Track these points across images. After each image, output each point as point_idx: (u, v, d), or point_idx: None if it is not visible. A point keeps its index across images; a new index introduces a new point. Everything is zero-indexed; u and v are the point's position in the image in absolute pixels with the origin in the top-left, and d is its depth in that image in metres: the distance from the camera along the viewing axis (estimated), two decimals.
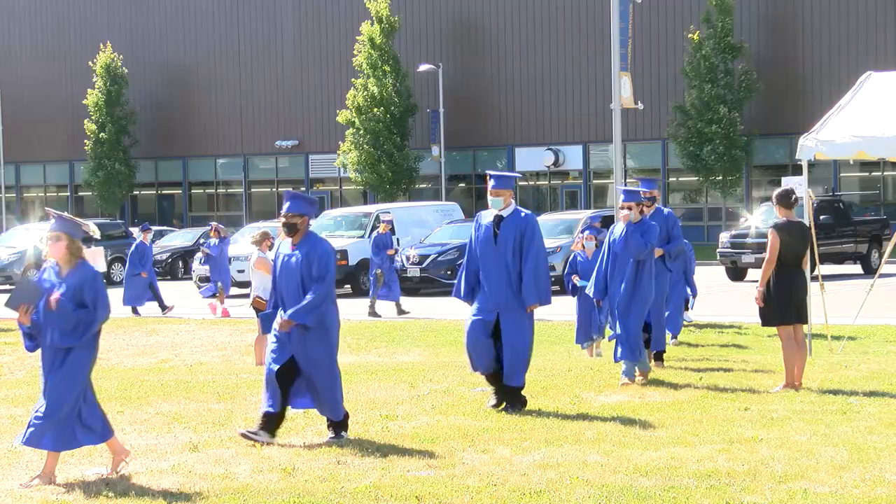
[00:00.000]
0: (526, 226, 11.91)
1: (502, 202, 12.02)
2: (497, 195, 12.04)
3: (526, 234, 11.86)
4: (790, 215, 13.44)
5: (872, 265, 33.56)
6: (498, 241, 11.90)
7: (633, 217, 13.87)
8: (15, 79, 63.30)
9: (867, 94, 16.89)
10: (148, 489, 8.87)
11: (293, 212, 10.69)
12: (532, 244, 11.87)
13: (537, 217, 13.02)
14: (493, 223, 12.00)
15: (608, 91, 35.10)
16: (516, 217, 11.99)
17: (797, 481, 8.68)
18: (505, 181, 12.16)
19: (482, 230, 12.07)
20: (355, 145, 52.59)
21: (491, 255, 11.93)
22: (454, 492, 8.59)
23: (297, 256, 10.61)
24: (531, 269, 11.82)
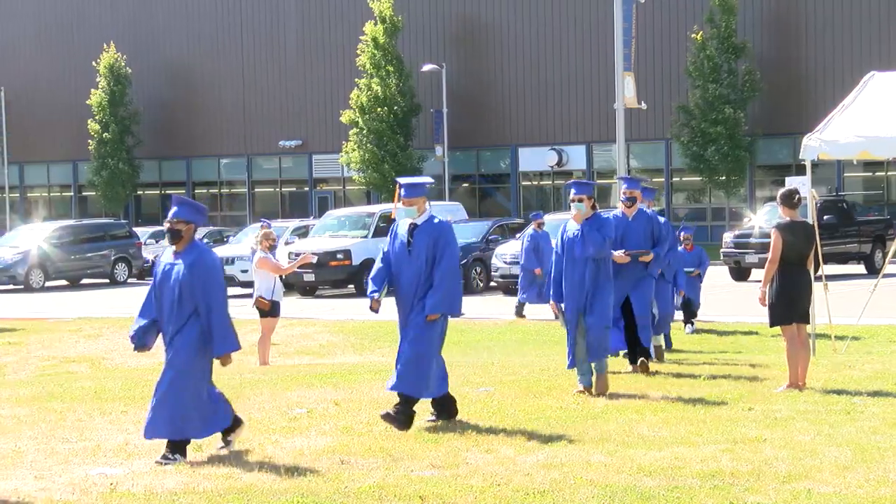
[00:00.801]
0: (439, 233, 11.38)
1: (415, 211, 11.51)
2: (410, 204, 11.52)
3: (439, 241, 11.32)
4: (794, 215, 13.44)
5: (876, 265, 33.56)
6: (412, 250, 11.41)
7: (583, 211, 13.10)
8: (19, 79, 63.36)
9: (871, 93, 16.88)
10: (152, 489, 8.87)
11: (178, 217, 10.09)
12: (445, 252, 11.30)
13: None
14: (408, 232, 11.48)
15: (612, 91, 35.22)
16: (430, 225, 11.45)
17: (801, 481, 8.68)
18: (415, 189, 11.59)
19: (397, 239, 11.57)
20: (359, 145, 52.61)
21: (405, 265, 11.44)
22: (458, 491, 8.59)
23: (179, 267, 10.01)
24: (440, 278, 11.26)
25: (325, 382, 14.74)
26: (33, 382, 16.34)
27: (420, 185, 11.70)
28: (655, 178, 52.08)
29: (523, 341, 20.85)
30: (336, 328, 23.71)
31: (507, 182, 55.86)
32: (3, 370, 19.45)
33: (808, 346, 13.65)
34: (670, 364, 15.93)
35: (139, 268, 42.47)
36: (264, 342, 18.61)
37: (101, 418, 12.33)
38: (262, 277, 18.22)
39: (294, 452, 10.15)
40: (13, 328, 25.20)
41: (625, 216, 15.04)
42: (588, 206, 13.10)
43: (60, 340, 22.67)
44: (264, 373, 16.51)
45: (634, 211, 15.03)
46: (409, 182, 11.70)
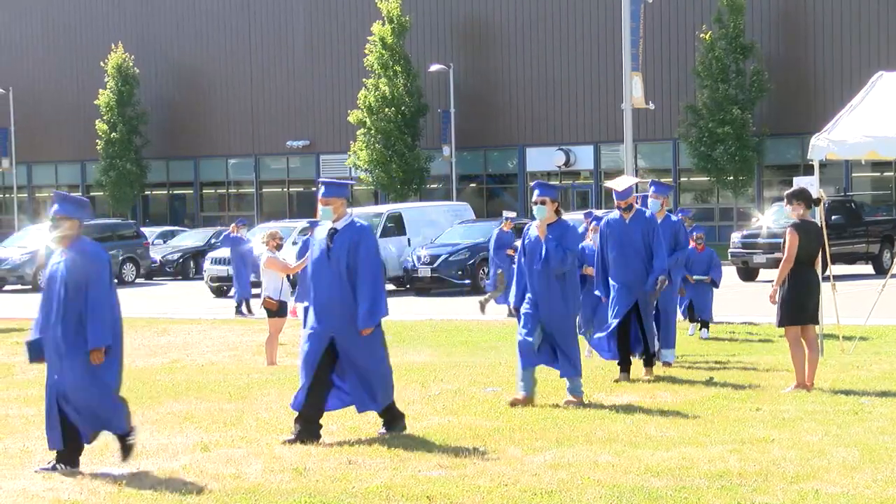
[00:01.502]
0: (360, 238, 10.72)
1: (331, 212, 10.82)
2: (326, 203, 10.82)
3: (360, 246, 10.67)
4: (806, 215, 13.43)
5: (884, 265, 33.53)
6: (331, 256, 10.72)
7: (545, 215, 12.42)
8: (27, 79, 63.44)
9: (879, 93, 16.86)
10: (159, 489, 8.88)
11: (60, 214, 9.69)
12: (366, 258, 10.67)
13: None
14: (327, 237, 10.82)
15: (619, 91, 35.16)
16: (351, 229, 10.79)
17: (809, 482, 8.67)
18: (335, 189, 10.91)
19: (315, 245, 10.93)
20: (366, 145, 52.62)
21: (324, 272, 10.74)
22: (465, 492, 8.59)
23: (62, 265, 9.62)
24: (364, 289, 10.60)
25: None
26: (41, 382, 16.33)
27: (341, 186, 11.07)
28: (663, 179, 52.03)
29: None
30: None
31: (515, 182, 55.84)
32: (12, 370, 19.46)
33: (817, 347, 13.64)
34: (677, 365, 15.91)
35: (147, 268, 42.50)
36: (272, 342, 18.62)
37: None
38: (270, 277, 18.23)
39: (301, 453, 10.15)
40: (21, 328, 25.21)
41: (622, 219, 14.33)
42: (551, 210, 12.45)
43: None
44: (272, 373, 16.52)
45: (632, 214, 14.34)
46: (329, 181, 11.08)
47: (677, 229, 15.80)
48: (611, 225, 14.39)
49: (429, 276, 32.62)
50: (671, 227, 15.70)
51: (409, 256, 34.14)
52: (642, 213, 14.56)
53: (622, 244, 14.26)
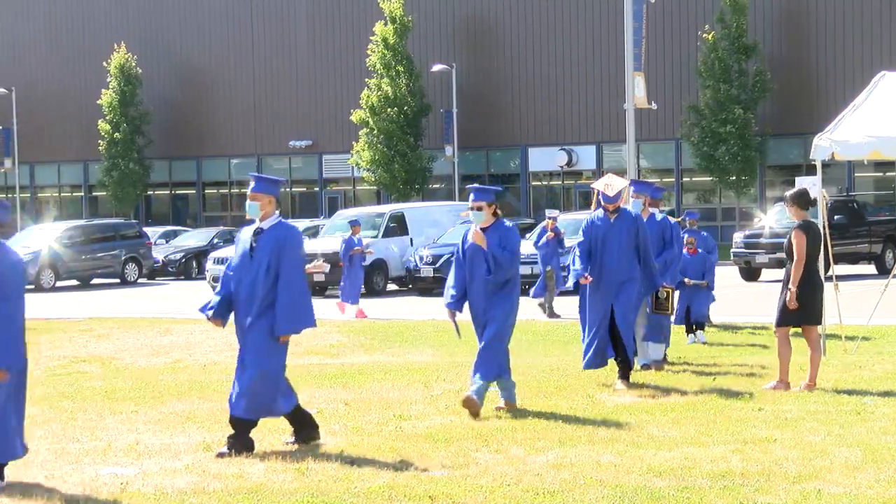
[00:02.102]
0: (285, 239, 10.26)
1: (258, 208, 10.35)
2: (254, 199, 10.37)
3: (284, 248, 10.20)
4: (806, 216, 13.44)
5: (887, 265, 33.51)
6: (254, 256, 10.25)
7: (482, 220, 11.94)
8: (29, 79, 63.48)
9: (882, 93, 16.85)
10: (162, 489, 8.88)
11: None
12: (288, 262, 10.19)
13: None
14: (252, 236, 10.35)
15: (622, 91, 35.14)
16: (276, 229, 10.31)
17: (811, 482, 8.67)
18: (265, 185, 10.47)
19: (240, 245, 10.49)
20: (369, 145, 52.64)
21: (246, 273, 10.28)
22: (468, 492, 8.59)
23: None
24: (282, 294, 10.12)
25: (335, 382, 14.75)
26: (44, 382, 16.36)
27: (271, 182, 10.60)
28: (666, 179, 52.05)
29: (533, 341, 20.83)
30: (346, 328, 23.71)
31: (517, 182, 55.83)
32: None
33: (820, 347, 13.64)
34: (679, 365, 15.91)
35: (149, 268, 42.52)
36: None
37: (111, 418, 12.35)
38: None
39: (304, 452, 10.15)
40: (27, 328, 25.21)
41: (606, 217, 13.86)
42: (489, 214, 11.96)
43: (71, 340, 22.70)
44: None
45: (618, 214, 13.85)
46: (260, 175, 10.58)
47: (663, 228, 15.37)
48: (595, 224, 13.94)
49: (431, 276, 32.61)
50: (656, 226, 15.26)
51: (411, 256, 34.13)
52: (628, 212, 14.08)
53: (605, 244, 13.80)
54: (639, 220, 14.01)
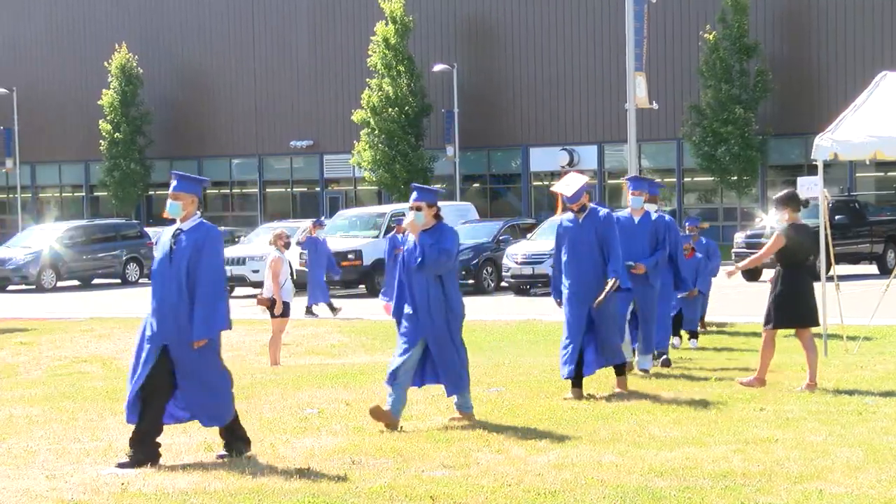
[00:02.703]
0: (205, 241, 9.93)
1: (180, 208, 10.03)
2: (176, 198, 10.06)
3: (203, 251, 9.87)
4: (797, 218, 13.44)
5: (888, 265, 33.50)
6: (173, 258, 9.94)
7: (420, 221, 11.47)
8: (30, 79, 63.50)
9: (883, 93, 16.85)
10: (163, 489, 8.88)
11: None
12: (208, 264, 9.87)
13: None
14: (172, 238, 10.05)
15: (623, 91, 35.17)
16: (196, 230, 9.98)
17: (813, 482, 8.66)
18: (188, 184, 10.16)
19: (160, 248, 10.15)
20: (370, 145, 52.66)
21: (165, 275, 9.99)
22: (469, 492, 8.59)
23: None
24: (202, 297, 9.79)
25: (336, 382, 14.75)
26: (45, 382, 16.38)
27: (195, 181, 10.29)
28: (667, 179, 52.05)
29: (534, 342, 20.83)
30: (347, 328, 23.72)
31: (518, 182, 55.84)
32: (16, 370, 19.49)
33: (815, 347, 13.65)
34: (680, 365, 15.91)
35: (150, 268, 42.50)
36: (275, 342, 18.64)
37: (112, 418, 12.34)
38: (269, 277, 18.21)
39: (305, 452, 10.16)
40: (25, 328, 25.26)
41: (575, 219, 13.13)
42: (429, 215, 11.47)
43: (72, 340, 22.71)
44: (275, 373, 16.52)
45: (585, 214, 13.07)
46: (183, 174, 10.30)
47: (657, 228, 14.79)
48: (564, 226, 13.25)
49: None
50: (650, 225, 14.76)
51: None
52: (596, 212, 13.16)
53: (574, 246, 13.07)
54: (605, 218, 13.11)
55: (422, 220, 11.48)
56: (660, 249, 14.77)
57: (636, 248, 14.57)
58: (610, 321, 13.05)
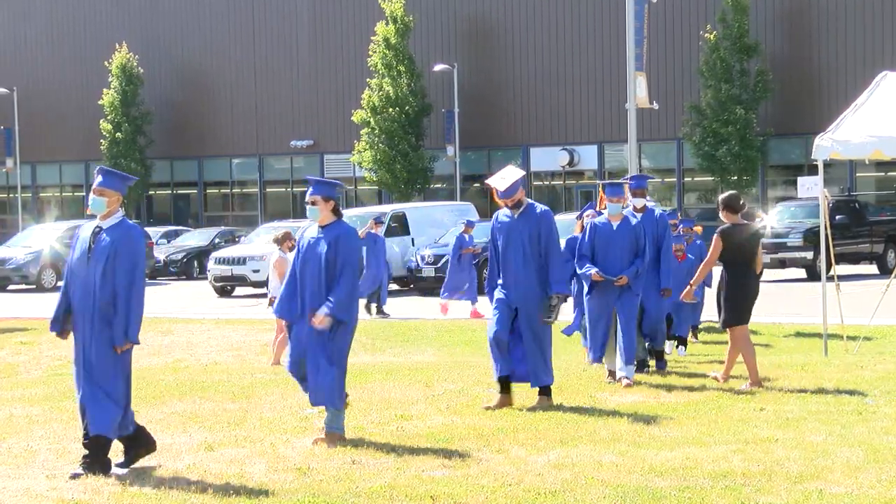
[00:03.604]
0: (126, 240, 9.49)
1: (104, 204, 9.57)
2: (101, 194, 9.60)
3: (122, 251, 9.42)
4: (736, 219, 13.75)
5: (888, 265, 33.49)
6: (91, 258, 9.45)
7: (317, 216, 10.69)
8: (31, 79, 63.49)
9: (883, 93, 16.85)
10: (163, 489, 8.88)
11: None
12: (129, 265, 9.43)
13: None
14: (91, 236, 9.55)
15: (623, 91, 35.18)
16: (117, 230, 9.52)
17: (813, 482, 8.67)
18: (114, 180, 9.69)
19: (78, 245, 9.65)
20: (370, 145, 52.65)
21: (81, 276, 9.48)
22: (469, 492, 8.59)
23: None
24: (121, 303, 9.38)
25: None
26: (45, 382, 16.38)
27: (121, 178, 9.80)
28: (667, 179, 52.05)
29: None
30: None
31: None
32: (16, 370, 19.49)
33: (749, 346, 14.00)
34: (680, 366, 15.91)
35: (151, 268, 42.52)
36: (282, 342, 18.62)
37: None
38: (277, 278, 18.18)
39: (305, 452, 10.16)
40: (25, 328, 25.25)
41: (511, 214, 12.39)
42: (326, 210, 10.65)
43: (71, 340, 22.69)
44: (275, 373, 16.53)
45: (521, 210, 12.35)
46: (108, 169, 9.81)
47: (637, 233, 13.92)
48: (500, 221, 12.51)
49: (433, 276, 32.62)
50: (630, 232, 13.90)
51: (412, 256, 34.16)
52: (533, 208, 12.35)
53: (507, 244, 12.32)
54: (544, 217, 12.29)
55: (317, 215, 10.69)
56: (639, 257, 13.84)
57: (615, 257, 13.75)
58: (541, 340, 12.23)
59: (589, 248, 13.89)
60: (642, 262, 13.87)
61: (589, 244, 13.91)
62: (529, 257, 12.21)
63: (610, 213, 13.98)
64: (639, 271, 13.82)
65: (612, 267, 13.73)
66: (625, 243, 13.82)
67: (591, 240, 13.91)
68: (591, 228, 14.00)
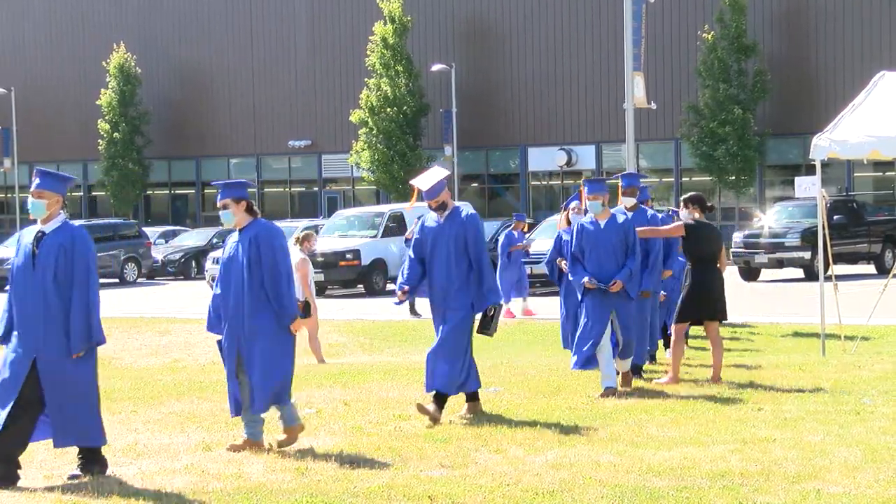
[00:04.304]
0: (73, 243, 9.09)
1: (44, 207, 9.15)
2: (39, 196, 9.18)
3: (75, 254, 9.06)
4: (702, 217, 13.95)
5: (886, 265, 33.50)
6: (37, 264, 9.05)
7: (231, 219, 10.31)
8: (29, 79, 63.47)
9: (881, 93, 16.85)
10: (161, 489, 8.88)
11: None
12: (81, 269, 9.09)
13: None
14: (34, 241, 9.14)
15: (621, 91, 35.13)
16: (61, 233, 9.12)
17: (810, 482, 8.67)
18: (53, 181, 9.28)
19: (20, 252, 9.20)
20: (368, 145, 52.64)
21: (28, 284, 9.07)
22: (467, 492, 8.59)
23: None
24: (79, 306, 9.08)
25: (334, 382, 14.75)
26: None
27: (61, 179, 9.38)
28: (665, 178, 52.07)
29: (532, 342, 20.84)
30: (345, 328, 23.71)
31: (517, 182, 55.83)
32: None
33: (720, 342, 14.21)
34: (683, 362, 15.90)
35: (149, 268, 42.56)
36: (314, 341, 18.61)
37: (110, 418, 12.33)
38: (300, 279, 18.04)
39: (303, 452, 10.15)
40: None
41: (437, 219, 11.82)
42: (239, 212, 10.24)
43: None
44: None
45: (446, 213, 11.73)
46: (46, 170, 9.38)
47: (627, 231, 13.22)
48: (424, 228, 11.87)
49: None
50: (618, 230, 13.21)
51: None
52: (458, 212, 11.76)
53: (434, 249, 11.67)
54: (470, 222, 11.62)
55: (231, 219, 10.27)
56: (630, 256, 13.15)
57: (605, 258, 13.12)
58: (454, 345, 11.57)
59: (579, 251, 13.31)
60: (634, 262, 13.14)
61: (578, 246, 13.32)
62: (455, 264, 11.54)
63: (593, 212, 13.32)
64: (632, 272, 13.10)
65: (603, 268, 13.09)
66: (614, 243, 13.14)
67: (580, 241, 13.31)
68: (578, 230, 13.42)
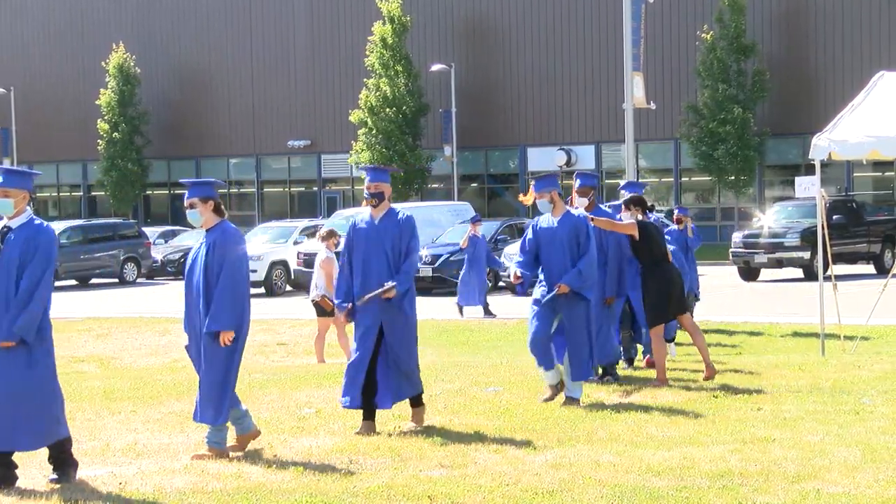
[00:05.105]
0: (37, 240, 9.03)
1: (11, 206, 9.10)
2: (6, 195, 9.12)
3: (37, 251, 8.98)
4: (645, 218, 14.03)
5: (885, 265, 33.51)
6: (2, 259, 9.00)
7: (198, 219, 10.06)
8: (28, 79, 63.48)
9: (880, 93, 16.85)
10: (161, 489, 8.88)
11: None
12: (42, 262, 8.98)
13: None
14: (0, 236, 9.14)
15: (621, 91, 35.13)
16: (27, 230, 9.07)
17: (810, 481, 8.67)
18: (17, 178, 9.24)
19: None
20: (368, 145, 52.64)
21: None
22: (467, 491, 8.59)
23: None
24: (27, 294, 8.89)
25: (334, 382, 14.72)
26: None
27: (25, 175, 9.34)
28: (664, 178, 52.09)
29: None
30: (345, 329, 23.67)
31: (516, 182, 55.83)
32: None
33: (699, 330, 14.37)
34: (678, 364, 15.90)
35: (148, 268, 42.53)
36: (320, 341, 18.60)
37: (110, 418, 12.35)
38: (322, 277, 17.98)
39: (303, 452, 10.16)
40: None
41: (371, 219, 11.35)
42: (206, 212, 10.01)
43: (69, 340, 22.69)
44: (273, 373, 16.52)
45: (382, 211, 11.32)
46: (11, 168, 9.40)
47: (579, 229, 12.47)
48: (358, 229, 11.35)
49: (430, 276, 32.62)
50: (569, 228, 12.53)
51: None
52: (395, 213, 11.31)
53: (367, 248, 11.22)
54: (406, 224, 11.19)
55: (198, 219, 10.05)
56: (583, 255, 12.35)
57: (557, 257, 12.42)
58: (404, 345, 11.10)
59: (533, 248, 12.60)
60: (586, 262, 12.31)
61: (533, 244, 12.60)
62: (385, 264, 11.09)
63: (542, 210, 12.63)
64: (581, 272, 12.26)
65: (555, 268, 12.38)
66: (564, 241, 12.39)
67: (535, 239, 12.60)
68: (532, 228, 12.73)
